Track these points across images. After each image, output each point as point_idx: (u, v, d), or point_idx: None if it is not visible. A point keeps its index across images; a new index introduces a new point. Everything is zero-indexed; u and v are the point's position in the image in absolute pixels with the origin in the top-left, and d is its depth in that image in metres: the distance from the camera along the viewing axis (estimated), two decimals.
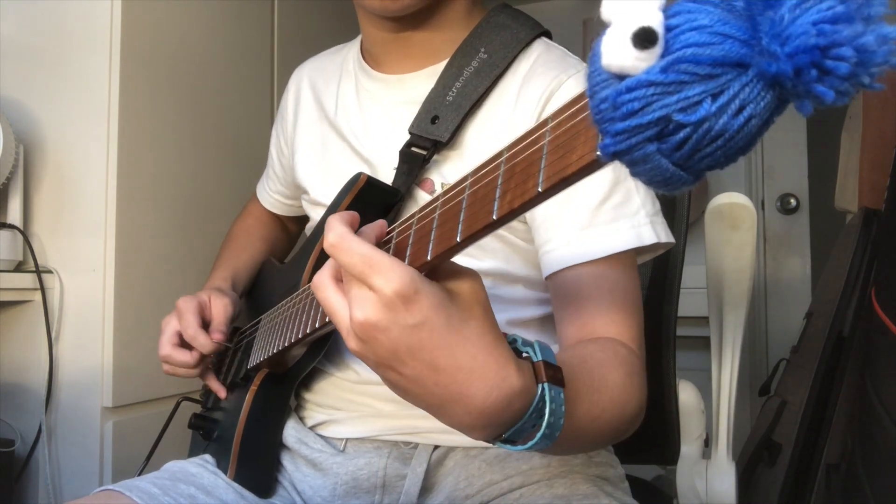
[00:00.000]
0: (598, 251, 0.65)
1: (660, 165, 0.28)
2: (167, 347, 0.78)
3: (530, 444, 0.45)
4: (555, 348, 0.50)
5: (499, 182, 0.37)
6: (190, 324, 0.77)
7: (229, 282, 0.89)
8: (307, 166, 0.86)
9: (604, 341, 0.63)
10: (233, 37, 1.44)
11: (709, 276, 1.05)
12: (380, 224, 0.48)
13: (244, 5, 1.47)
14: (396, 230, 0.48)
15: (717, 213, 1.03)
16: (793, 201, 2.36)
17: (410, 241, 0.45)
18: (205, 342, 0.77)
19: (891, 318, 1.03)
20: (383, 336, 0.41)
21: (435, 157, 0.74)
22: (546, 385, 0.45)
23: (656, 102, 0.26)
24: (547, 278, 0.69)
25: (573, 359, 0.56)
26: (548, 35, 0.79)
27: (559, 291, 0.69)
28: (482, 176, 0.39)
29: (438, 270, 0.45)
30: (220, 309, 0.80)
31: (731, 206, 1.02)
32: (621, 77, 0.27)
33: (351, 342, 0.44)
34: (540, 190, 0.34)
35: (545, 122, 0.35)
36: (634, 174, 0.29)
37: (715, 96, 0.26)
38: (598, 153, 0.29)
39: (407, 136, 0.74)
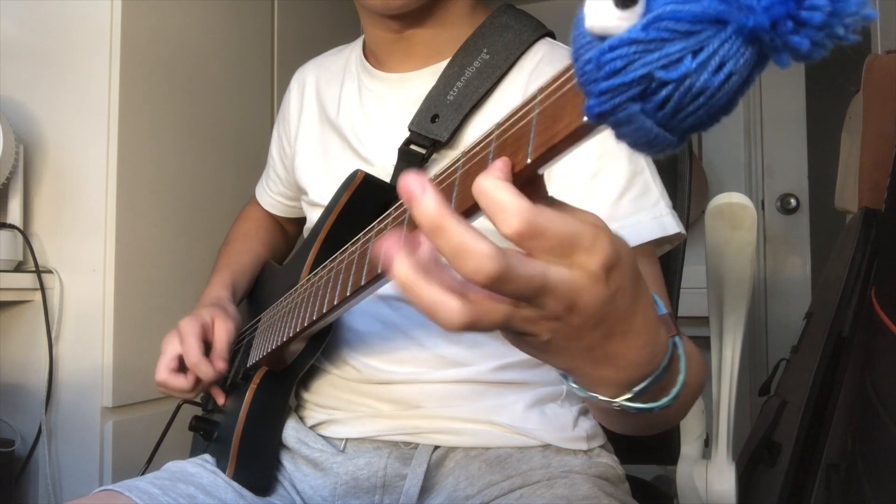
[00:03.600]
0: None
1: (644, 126, 0.28)
2: (164, 373, 0.76)
3: (665, 399, 0.42)
4: None
5: (489, 158, 0.37)
6: (193, 350, 0.75)
7: (229, 289, 0.88)
8: (308, 167, 0.86)
9: None
10: (233, 37, 1.44)
11: (709, 276, 1.05)
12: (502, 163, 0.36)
13: (244, 5, 1.47)
14: (392, 215, 0.48)
15: (717, 213, 1.03)
16: (793, 201, 2.36)
17: (405, 225, 0.45)
18: (207, 371, 0.75)
19: (891, 318, 1.03)
20: (575, 315, 0.35)
21: (434, 155, 0.74)
22: (677, 337, 0.43)
23: (638, 60, 0.27)
24: None
25: None
26: (552, 36, 0.79)
27: None
28: (473, 154, 0.39)
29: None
30: (223, 333, 0.78)
31: (731, 206, 1.02)
32: (604, 38, 0.28)
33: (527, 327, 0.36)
34: (529, 161, 0.34)
35: (534, 96, 0.35)
36: (619, 136, 0.29)
37: (695, 53, 0.26)
38: (585, 117, 0.30)
39: (407, 134, 0.74)
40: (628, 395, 0.41)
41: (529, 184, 0.35)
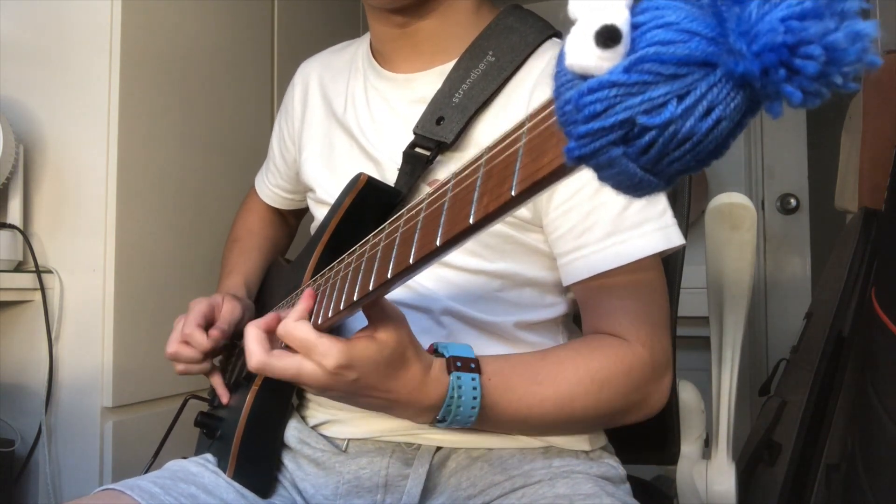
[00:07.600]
0: (625, 257, 0.65)
1: (627, 170, 0.26)
2: (173, 345, 0.79)
3: (449, 419, 0.59)
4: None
5: (477, 184, 0.36)
6: (189, 322, 0.78)
7: (243, 290, 0.90)
8: (314, 164, 0.86)
9: (593, 337, 0.68)
10: (233, 37, 1.44)
11: (709, 276, 1.05)
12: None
13: (244, 5, 1.47)
14: (386, 231, 0.48)
15: (717, 213, 1.03)
16: (793, 201, 2.36)
17: (396, 244, 0.45)
18: (200, 340, 0.78)
19: (891, 318, 1.03)
20: (337, 387, 0.56)
21: (439, 157, 0.74)
22: (454, 374, 0.59)
23: (620, 104, 0.25)
24: (570, 286, 0.70)
25: (533, 355, 0.67)
26: (559, 35, 0.78)
27: (583, 297, 0.71)
28: (464, 178, 0.39)
29: (372, 313, 0.55)
30: (228, 310, 0.82)
31: (731, 206, 1.02)
32: (585, 77, 0.26)
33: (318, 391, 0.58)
34: (513, 194, 0.32)
35: (522, 123, 0.33)
36: (601, 179, 0.28)
37: (681, 97, 0.24)
38: (564, 157, 0.28)
39: (411, 136, 0.74)
40: (438, 419, 0.60)
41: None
